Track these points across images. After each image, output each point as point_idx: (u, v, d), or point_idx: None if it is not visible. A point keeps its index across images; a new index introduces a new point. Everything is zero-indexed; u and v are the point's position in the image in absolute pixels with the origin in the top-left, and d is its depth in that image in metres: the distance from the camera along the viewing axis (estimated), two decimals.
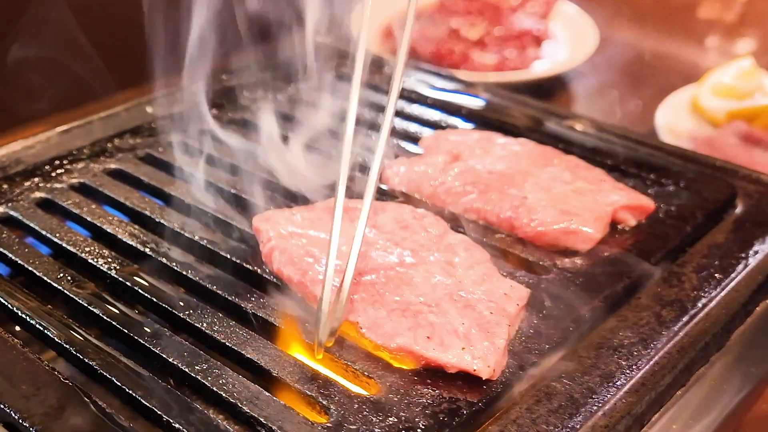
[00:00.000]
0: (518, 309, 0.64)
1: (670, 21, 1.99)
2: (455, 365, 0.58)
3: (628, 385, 0.59)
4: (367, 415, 0.55)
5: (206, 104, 0.96)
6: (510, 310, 0.63)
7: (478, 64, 1.60)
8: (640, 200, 0.79)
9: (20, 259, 0.71)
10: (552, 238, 0.74)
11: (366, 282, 0.65)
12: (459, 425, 0.55)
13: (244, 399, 0.56)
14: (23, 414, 0.56)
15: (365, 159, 0.88)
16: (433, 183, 0.81)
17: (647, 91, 1.61)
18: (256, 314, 0.65)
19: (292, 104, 1.01)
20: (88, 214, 0.78)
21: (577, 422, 0.56)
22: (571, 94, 1.65)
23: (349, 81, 0.67)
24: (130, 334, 0.63)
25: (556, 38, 1.74)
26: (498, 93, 1.03)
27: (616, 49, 1.78)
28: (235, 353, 0.61)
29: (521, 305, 0.65)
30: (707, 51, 1.86)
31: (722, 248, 0.75)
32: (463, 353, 0.59)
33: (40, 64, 1.40)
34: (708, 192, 0.82)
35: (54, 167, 0.85)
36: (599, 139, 0.92)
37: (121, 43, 1.30)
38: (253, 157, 0.88)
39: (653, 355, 0.62)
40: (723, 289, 0.70)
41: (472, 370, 0.58)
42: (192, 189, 0.82)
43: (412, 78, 1.08)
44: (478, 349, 0.59)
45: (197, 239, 0.74)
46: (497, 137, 0.89)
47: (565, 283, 0.69)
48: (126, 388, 0.58)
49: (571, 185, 0.80)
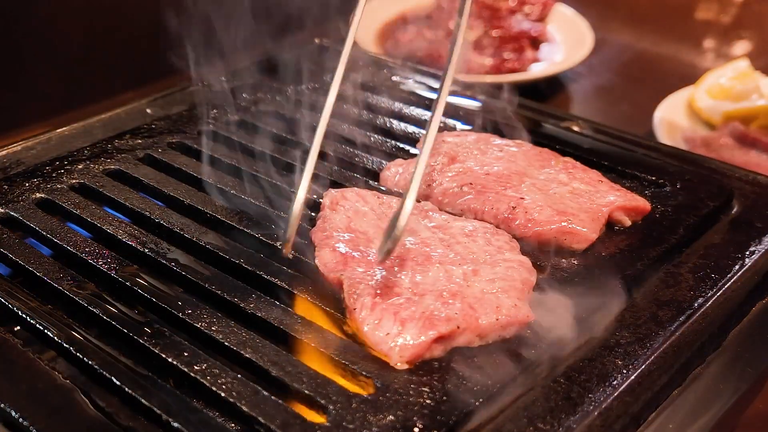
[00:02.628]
0: (494, 325, 0.62)
1: (667, 23, 1.99)
2: (369, 340, 0.61)
3: (624, 385, 0.60)
4: (365, 415, 0.56)
5: (206, 105, 0.97)
6: (482, 322, 0.62)
7: (476, 65, 1.60)
8: (636, 201, 0.79)
9: (20, 259, 0.71)
10: (548, 238, 0.74)
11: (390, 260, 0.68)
12: (456, 424, 0.56)
13: (243, 399, 0.57)
14: (23, 414, 0.56)
15: (366, 161, 0.89)
16: (430, 184, 0.82)
17: (644, 93, 1.61)
18: (255, 314, 0.65)
19: (290, 105, 1.02)
20: (88, 215, 0.78)
21: (574, 421, 0.57)
22: (569, 96, 1.66)
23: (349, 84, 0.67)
24: (130, 334, 0.63)
25: (554, 40, 1.75)
26: (495, 94, 1.04)
27: (613, 50, 1.79)
28: (235, 353, 0.61)
29: (502, 323, 0.63)
30: (704, 52, 1.87)
31: (718, 249, 0.76)
32: (387, 337, 0.60)
33: (40, 66, 1.40)
34: (704, 193, 0.83)
35: (54, 168, 0.85)
36: (596, 141, 0.92)
37: (122, 44, 1.30)
38: (254, 158, 0.89)
39: (650, 355, 0.63)
40: (719, 290, 0.70)
41: (382, 352, 0.60)
42: (192, 189, 0.83)
43: (410, 80, 1.08)
44: (402, 336, 0.60)
45: (197, 240, 0.74)
46: (494, 139, 0.90)
47: (561, 282, 0.70)
48: (126, 388, 0.58)
49: (568, 186, 0.80)
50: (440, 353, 0.61)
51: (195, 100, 0.99)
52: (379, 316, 0.62)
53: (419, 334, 0.60)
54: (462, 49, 0.69)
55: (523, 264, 0.69)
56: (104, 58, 1.42)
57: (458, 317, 0.62)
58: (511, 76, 1.56)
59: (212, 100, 1.00)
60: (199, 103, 0.99)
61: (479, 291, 0.65)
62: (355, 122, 0.98)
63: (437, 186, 0.81)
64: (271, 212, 0.79)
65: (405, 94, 1.04)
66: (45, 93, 1.41)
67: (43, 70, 1.41)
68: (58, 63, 1.42)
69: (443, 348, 0.62)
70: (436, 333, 0.60)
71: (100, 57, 1.42)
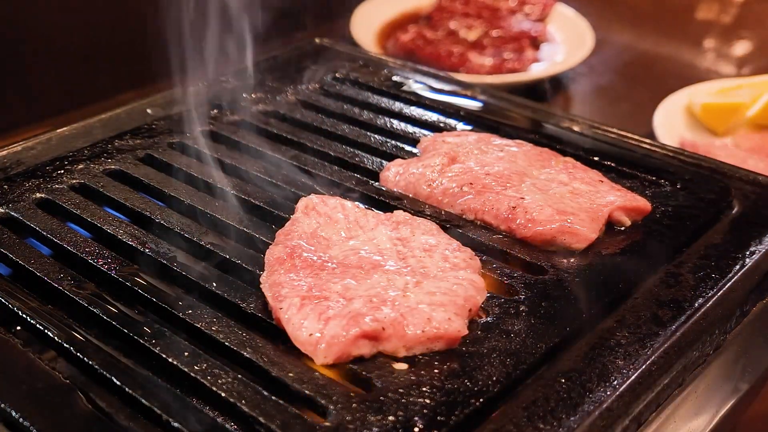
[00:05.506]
0: (419, 336, 0.61)
1: (668, 23, 1.99)
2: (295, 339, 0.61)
3: (625, 385, 0.60)
4: (366, 415, 0.56)
5: (206, 105, 0.97)
6: (408, 332, 0.61)
7: (476, 65, 1.60)
8: (636, 201, 0.79)
9: (21, 259, 0.71)
10: (548, 238, 0.74)
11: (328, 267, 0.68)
12: (457, 425, 0.56)
13: (243, 399, 0.57)
14: (23, 414, 0.56)
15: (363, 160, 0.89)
16: (430, 184, 0.82)
17: (644, 93, 1.61)
18: (255, 314, 0.65)
19: (290, 106, 1.02)
20: (89, 215, 0.78)
21: (575, 422, 0.56)
22: (569, 96, 1.66)
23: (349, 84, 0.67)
24: (130, 334, 0.63)
25: (554, 40, 1.75)
26: (496, 94, 1.04)
27: (613, 50, 1.79)
28: (235, 353, 0.61)
29: (429, 335, 0.61)
30: (704, 52, 1.87)
31: (719, 249, 0.76)
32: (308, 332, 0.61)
33: (40, 66, 1.41)
34: (704, 193, 0.83)
35: (54, 168, 0.85)
36: (596, 141, 0.92)
37: (122, 44, 1.30)
38: (253, 159, 0.89)
39: (650, 355, 0.63)
40: (720, 290, 0.70)
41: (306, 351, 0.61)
42: (192, 189, 0.83)
43: (411, 80, 1.08)
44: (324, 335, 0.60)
45: (197, 240, 0.74)
46: (495, 139, 0.90)
47: (562, 283, 0.70)
48: (126, 388, 0.58)
49: (568, 186, 0.81)
50: (368, 352, 0.61)
51: (195, 100, 0.99)
52: (304, 315, 0.62)
53: (342, 331, 0.60)
54: None
55: (474, 283, 0.67)
56: (104, 58, 1.42)
57: (386, 321, 0.61)
58: (511, 76, 1.57)
59: (213, 100, 1.00)
60: (200, 103, 0.99)
61: (414, 302, 0.64)
62: (356, 122, 0.98)
63: (437, 186, 0.81)
64: (271, 212, 0.79)
65: (405, 94, 1.04)
66: (45, 93, 1.41)
67: (43, 70, 1.41)
68: (58, 63, 1.42)
69: (370, 347, 0.61)
70: (359, 330, 0.60)
71: (100, 57, 1.42)
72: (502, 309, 0.66)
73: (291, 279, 0.66)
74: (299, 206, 0.77)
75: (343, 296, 0.64)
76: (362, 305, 0.63)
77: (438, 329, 0.61)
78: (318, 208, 0.76)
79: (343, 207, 0.77)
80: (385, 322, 0.61)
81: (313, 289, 0.65)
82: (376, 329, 0.60)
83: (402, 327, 0.61)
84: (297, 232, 0.73)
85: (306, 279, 0.66)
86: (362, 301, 0.63)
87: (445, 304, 0.64)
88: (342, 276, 0.67)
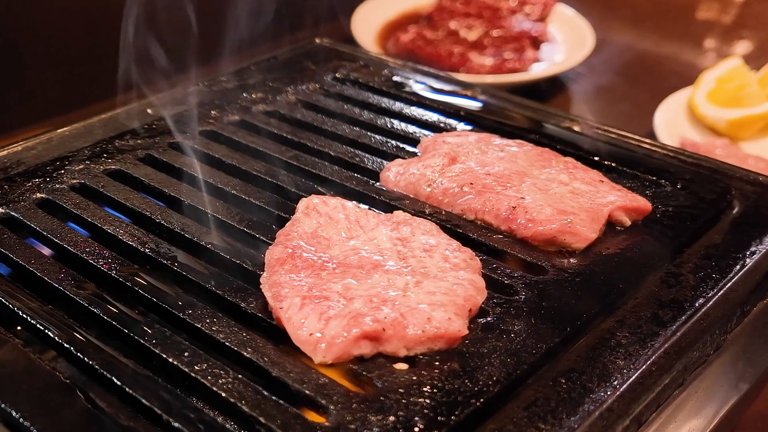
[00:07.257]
0: (420, 336, 0.61)
1: (668, 23, 1.99)
2: (295, 339, 0.61)
3: (625, 385, 0.60)
4: (366, 415, 0.56)
5: (206, 105, 0.97)
6: (408, 332, 0.61)
7: (477, 65, 1.60)
8: (637, 201, 0.79)
9: (21, 259, 0.71)
10: (548, 237, 0.74)
11: (329, 267, 0.68)
12: (457, 425, 0.56)
13: (243, 399, 0.57)
14: (23, 414, 0.56)
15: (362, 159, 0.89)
16: (431, 184, 0.82)
17: (644, 93, 1.62)
18: (255, 314, 0.65)
19: (290, 106, 1.02)
20: (89, 215, 0.78)
21: (575, 422, 0.56)
22: (569, 96, 1.66)
23: (349, 84, 0.67)
24: (130, 334, 0.63)
25: (554, 40, 1.75)
26: (496, 94, 1.04)
27: (613, 50, 1.79)
28: (235, 353, 0.61)
29: (429, 335, 0.61)
30: (704, 52, 1.87)
31: (719, 249, 0.76)
32: (308, 332, 0.61)
33: (40, 66, 1.41)
34: (705, 193, 0.83)
35: (55, 168, 0.85)
36: (597, 141, 0.92)
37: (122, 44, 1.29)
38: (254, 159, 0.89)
39: (651, 355, 0.63)
40: (720, 290, 0.70)
41: (306, 351, 0.60)
42: (192, 189, 0.83)
43: (411, 80, 1.08)
44: (325, 335, 0.60)
45: (197, 240, 0.74)
46: (495, 139, 0.90)
47: (562, 283, 0.70)
48: (126, 388, 0.58)
49: (569, 186, 0.81)
50: (368, 352, 0.61)
51: (195, 100, 0.99)
52: (305, 315, 0.62)
53: (343, 331, 0.60)
54: None
55: (474, 283, 0.67)
56: (104, 58, 1.42)
57: (386, 321, 0.61)
58: (511, 76, 1.57)
59: (213, 100, 1.00)
60: (200, 103, 0.99)
61: (414, 301, 0.64)
62: (356, 122, 0.98)
63: (437, 186, 0.81)
64: (272, 212, 0.79)
65: (405, 94, 1.04)
66: (45, 93, 1.41)
67: (43, 70, 1.41)
68: (58, 63, 1.42)
69: (371, 347, 0.61)
70: (360, 331, 0.60)
71: (100, 57, 1.42)
72: (503, 309, 0.66)
73: (291, 279, 0.66)
74: (300, 206, 0.77)
75: (343, 296, 0.64)
76: (362, 305, 0.63)
77: (438, 329, 0.61)
78: (318, 208, 0.76)
79: (343, 207, 0.77)
80: (386, 322, 0.61)
81: (314, 289, 0.65)
82: (376, 330, 0.60)
83: (402, 327, 0.61)
84: (297, 232, 0.73)
85: (306, 279, 0.66)
86: (362, 301, 0.63)
87: (446, 304, 0.64)
88: (342, 276, 0.67)
